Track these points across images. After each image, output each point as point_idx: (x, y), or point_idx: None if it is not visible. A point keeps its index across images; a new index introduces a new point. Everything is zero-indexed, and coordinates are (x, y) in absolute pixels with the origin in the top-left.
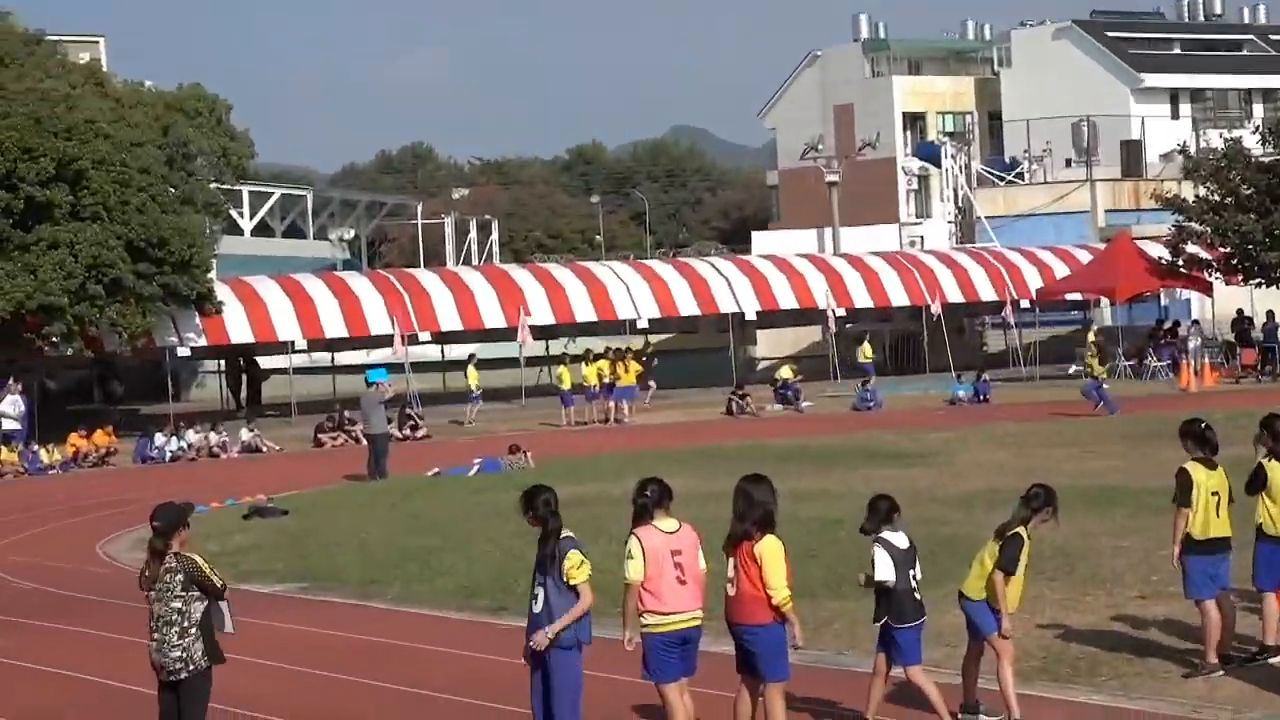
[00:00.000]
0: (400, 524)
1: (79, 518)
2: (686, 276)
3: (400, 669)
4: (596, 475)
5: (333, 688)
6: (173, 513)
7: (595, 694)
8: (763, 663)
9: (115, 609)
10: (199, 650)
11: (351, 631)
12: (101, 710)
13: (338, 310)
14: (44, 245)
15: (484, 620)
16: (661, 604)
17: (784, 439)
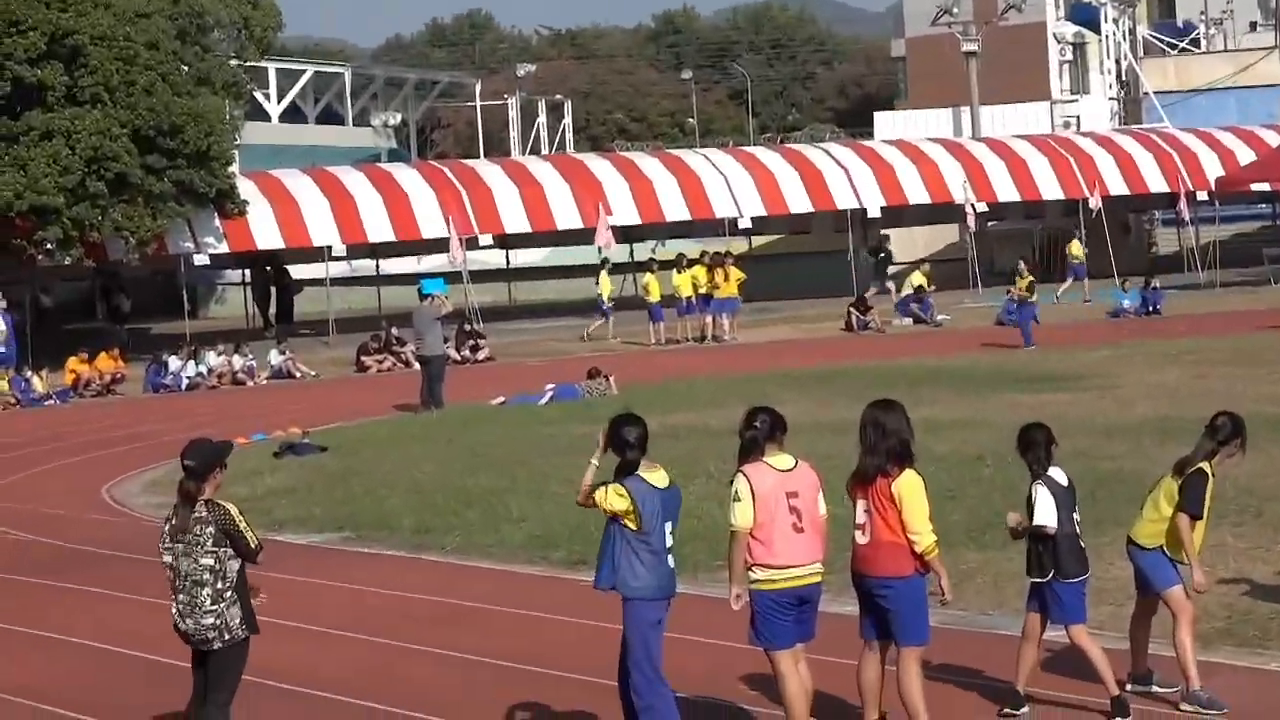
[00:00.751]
0: (459, 462)
1: (80, 456)
2: (796, 166)
3: (461, 633)
4: (691, 403)
5: (381, 655)
6: (208, 451)
7: (695, 662)
8: (900, 623)
9: (126, 564)
10: (236, 616)
11: (403, 589)
12: (111, 683)
13: (382, 210)
14: (35, 135)
15: (559, 575)
16: (774, 556)
17: (915, 359)
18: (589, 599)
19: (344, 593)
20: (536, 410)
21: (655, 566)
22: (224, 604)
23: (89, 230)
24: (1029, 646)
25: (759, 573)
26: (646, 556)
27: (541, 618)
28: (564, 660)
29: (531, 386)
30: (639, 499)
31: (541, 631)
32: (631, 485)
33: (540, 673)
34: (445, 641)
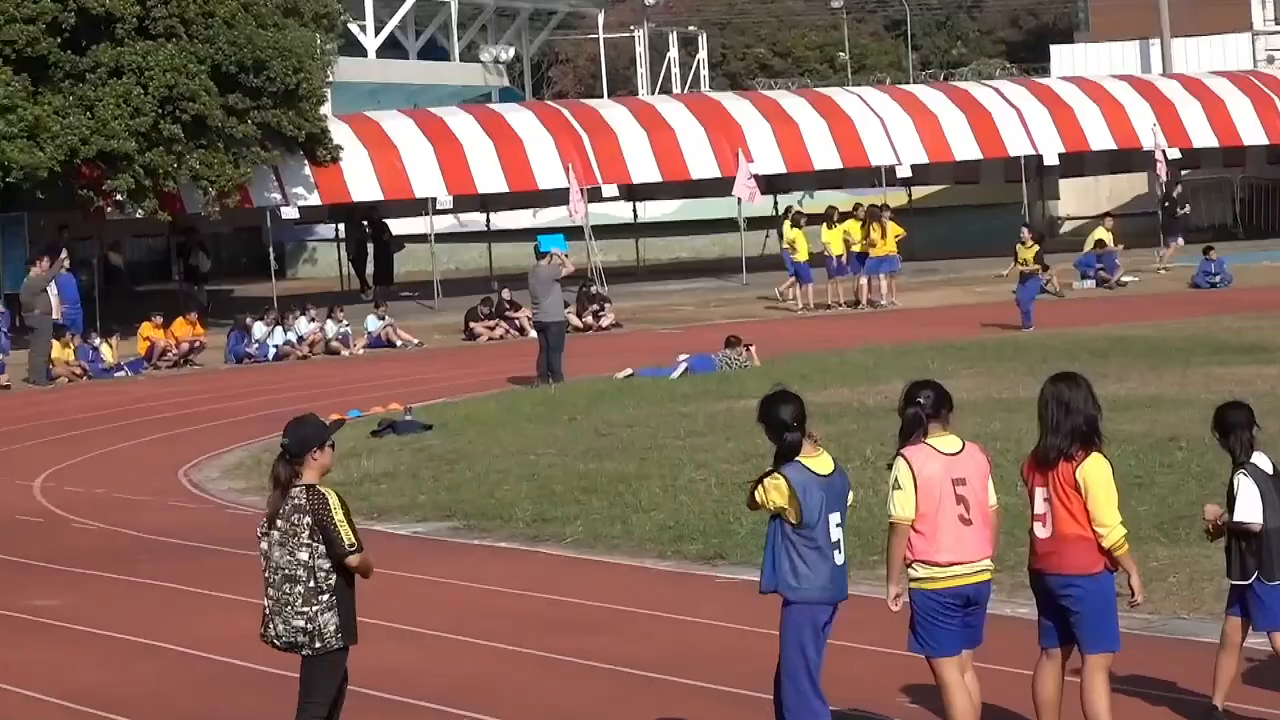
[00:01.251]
0: (582, 443)
1: (154, 435)
2: (962, 107)
3: (583, 637)
4: (844, 377)
5: (493, 661)
6: (307, 429)
7: (850, 670)
8: (1085, 627)
9: (206, 556)
10: (331, 623)
11: (517, 587)
12: (184, 690)
13: (494, 157)
14: (103, 73)
15: (694, 571)
16: (938, 551)
17: (1098, 327)
18: (730, 599)
19: (451, 590)
20: (668, 384)
21: (820, 565)
22: (318, 606)
23: (163, 180)
24: (1228, 656)
25: (920, 570)
26: (809, 554)
27: (675, 620)
28: (702, 669)
29: (663, 357)
30: (799, 489)
31: (676, 636)
32: (791, 474)
33: (675, 683)
34: (565, 647)
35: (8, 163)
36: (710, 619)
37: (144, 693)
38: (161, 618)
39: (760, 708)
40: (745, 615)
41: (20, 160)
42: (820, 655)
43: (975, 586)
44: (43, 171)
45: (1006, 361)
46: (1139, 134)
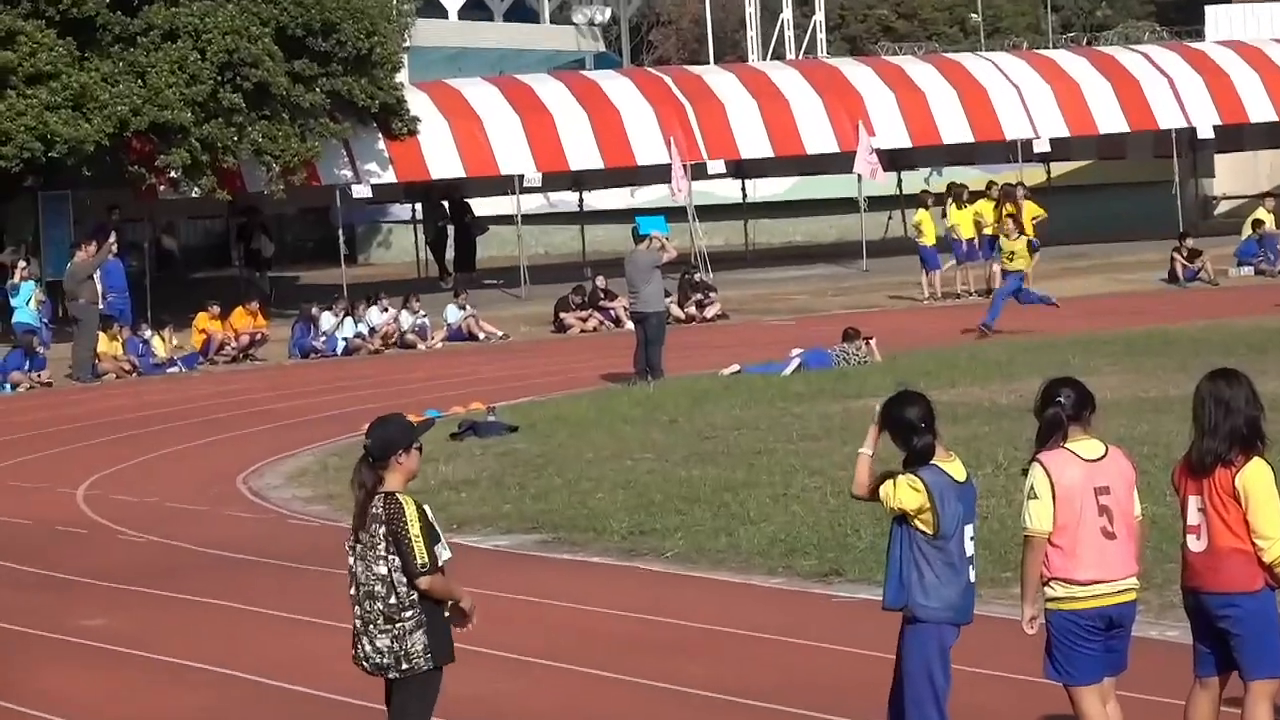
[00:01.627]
0: (683, 448)
1: (211, 437)
2: (1108, 75)
3: (685, 661)
4: (974, 374)
5: (587, 687)
6: (392, 429)
7: (979, 699)
8: (1247, 650)
9: (267, 571)
10: (418, 642)
11: (612, 606)
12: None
13: (588, 129)
14: (157, 36)
15: (808, 589)
16: (1078, 568)
17: (1256, 318)
18: (847, 619)
19: (538, 609)
20: (779, 382)
21: (952, 581)
22: (401, 625)
23: (222, 155)
24: None
25: (1059, 589)
26: (942, 568)
27: (786, 643)
28: (815, 698)
29: (773, 352)
30: (937, 495)
31: (786, 661)
32: (929, 477)
33: (786, 712)
34: (663, 672)
35: (51, 135)
36: (825, 642)
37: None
38: (216, 640)
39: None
40: (864, 638)
41: (65, 133)
42: (949, 682)
43: (1119, 607)
44: (89, 145)
45: (1155, 357)
46: None
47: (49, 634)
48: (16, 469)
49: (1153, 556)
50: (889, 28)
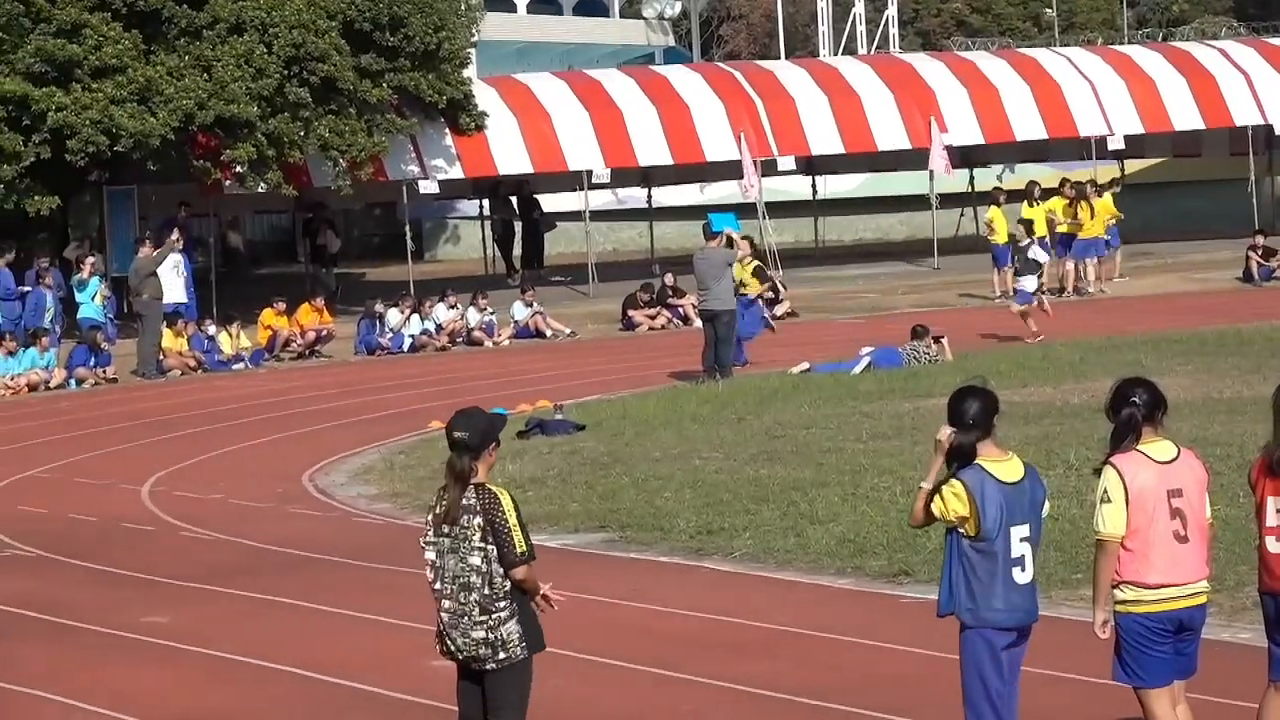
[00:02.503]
0: (752, 447)
1: (276, 434)
2: (1184, 71)
3: (753, 661)
4: (1046, 374)
5: (654, 687)
6: (484, 421)
7: (1050, 701)
8: None
9: (332, 569)
10: (514, 631)
11: (680, 606)
12: (309, 715)
13: (657, 125)
14: (222, 29)
15: (877, 590)
16: (1150, 571)
17: None
18: (916, 620)
19: (605, 609)
20: (849, 380)
21: (996, 583)
22: (497, 615)
23: (288, 150)
24: None
25: (1129, 592)
26: (985, 573)
27: (855, 643)
28: (884, 698)
29: (843, 350)
30: (978, 496)
31: (855, 661)
32: (969, 479)
33: (854, 713)
34: (731, 672)
35: (116, 130)
36: (893, 643)
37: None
38: (281, 637)
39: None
40: (933, 639)
41: (130, 127)
42: (1005, 682)
43: (1190, 610)
44: (155, 140)
45: (1229, 357)
46: None
47: (112, 630)
48: (82, 465)
49: (1224, 559)
50: (962, 22)
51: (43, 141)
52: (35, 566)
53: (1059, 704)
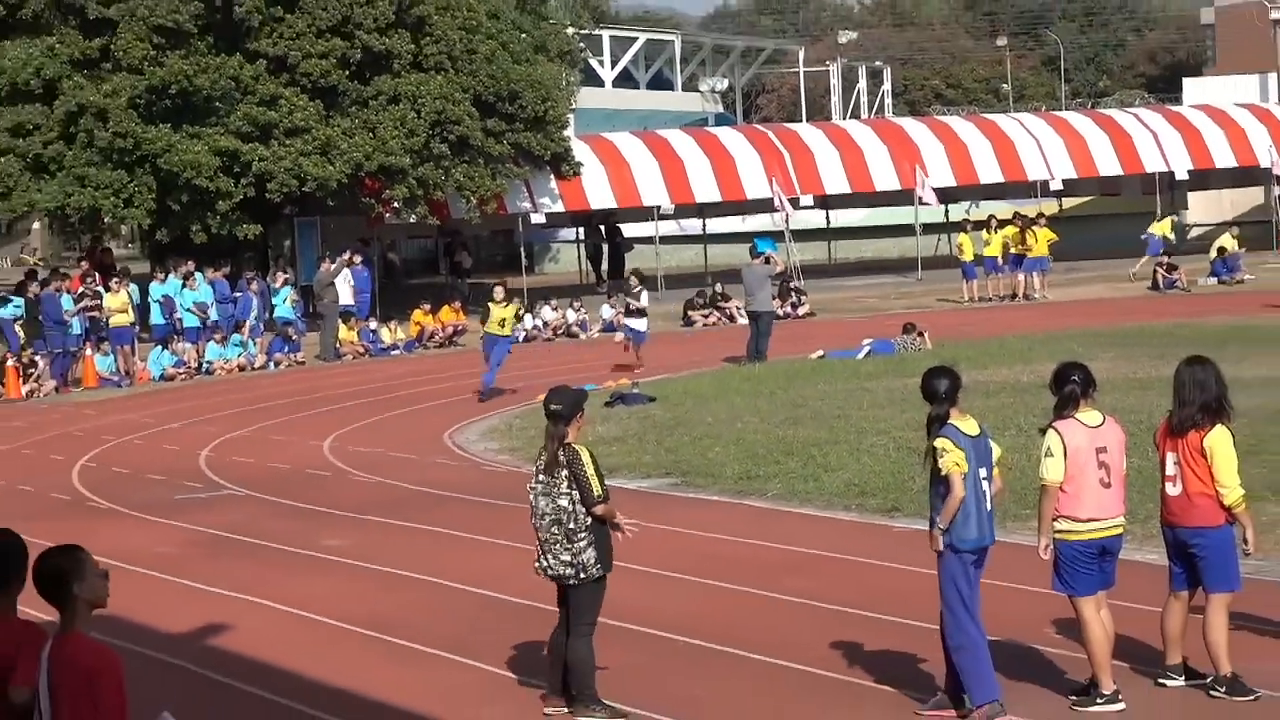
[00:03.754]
0: (780, 414)
1: (424, 404)
2: (1107, 130)
3: (782, 577)
4: (1002, 358)
5: (710, 596)
6: (573, 396)
7: (1006, 607)
8: (1209, 571)
9: (464, 505)
10: (591, 557)
11: (728, 533)
12: (446, 616)
13: (709, 171)
14: (383, 100)
15: (875, 522)
16: (1081, 509)
17: (1221, 318)
18: (905, 545)
19: (672, 536)
20: (854, 364)
21: (970, 515)
22: (579, 544)
23: (433, 190)
24: None
25: (1065, 524)
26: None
27: (860, 563)
28: (882, 604)
29: (849, 341)
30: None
31: (860, 576)
32: (948, 434)
33: (861, 615)
34: (766, 585)
35: (304, 175)
36: (888, 561)
37: (415, 619)
38: (427, 556)
39: (929, 637)
40: (918, 560)
41: (314, 173)
42: (973, 589)
43: (1111, 539)
44: (333, 183)
45: (1141, 346)
46: (1257, 154)
47: (301, 550)
48: (279, 427)
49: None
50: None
51: (249, 184)
52: (243, 503)
53: (1012, 608)
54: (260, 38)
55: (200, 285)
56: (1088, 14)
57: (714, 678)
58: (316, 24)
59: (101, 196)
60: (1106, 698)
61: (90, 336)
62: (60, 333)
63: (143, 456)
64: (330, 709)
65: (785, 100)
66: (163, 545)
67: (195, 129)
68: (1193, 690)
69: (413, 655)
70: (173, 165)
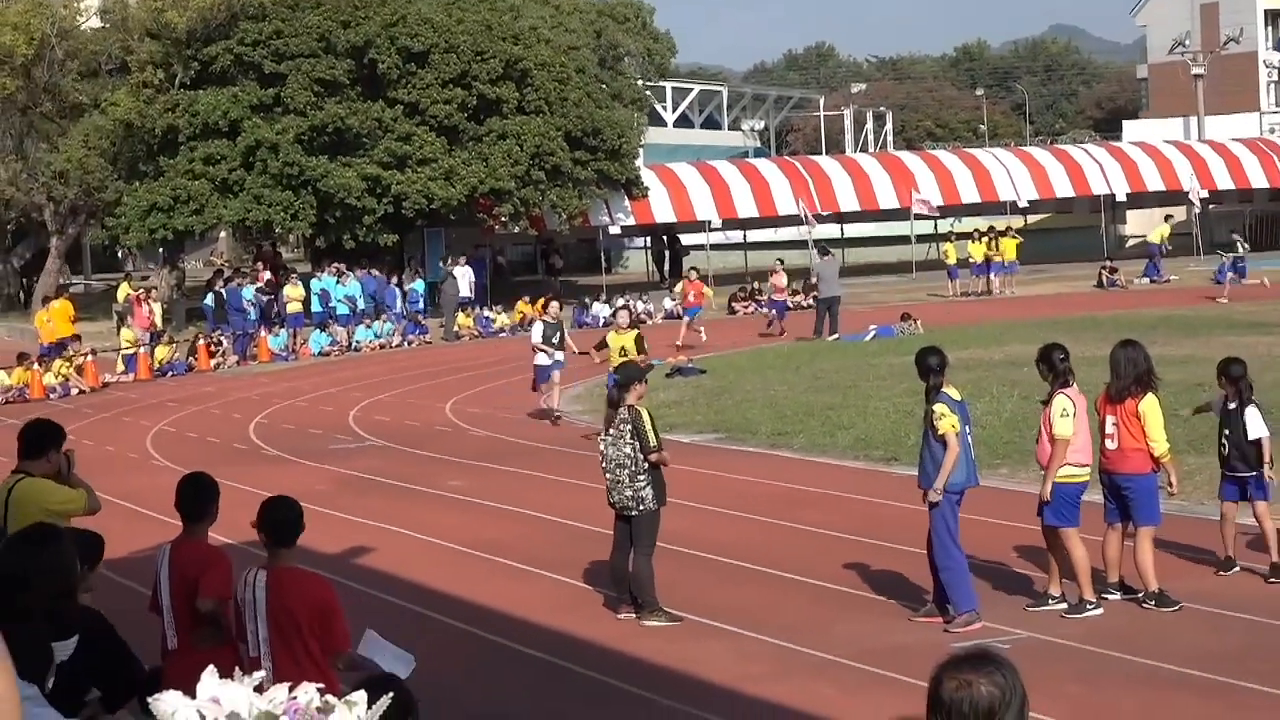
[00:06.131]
0: (804, 383)
1: (525, 375)
2: (1062, 161)
3: (804, 511)
4: (979, 341)
5: (746, 526)
6: (630, 370)
7: (980, 535)
8: (1138, 509)
9: (556, 454)
10: (649, 494)
11: (761, 477)
12: (544, 541)
13: (749, 193)
14: (494, 136)
15: (877, 469)
16: (1080, 457)
17: (1151, 309)
18: (901, 487)
19: (717, 479)
20: (862, 346)
21: (963, 461)
22: (640, 483)
23: (532, 207)
24: (1228, 525)
25: (1066, 470)
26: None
27: (865, 500)
28: (882, 533)
29: (858, 327)
30: (952, 407)
31: (865, 511)
32: (945, 399)
33: (866, 542)
34: (793, 517)
35: (432, 195)
36: (887, 500)
37: (518, 544)
38: (527, 494)
39: (920, 559)
40: (911, 499)
41: (440, 194)
42: (957, 521)
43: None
44: (454, 202)
45: (1088, 331)
46: (1181, 180)
47: (430, 490)
48: (412, 393)
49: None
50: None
51: (388, 202)
52: (383, 452)
53: (985, 537)
54: (397, 88)
55: (350, 281)
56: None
57: (748, 590)
58: (441, 77)
59: (273, 212)
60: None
61: (265, 320)
62: (241, 318)
63: (304, 415)
64: (449, 613)
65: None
66: (319, 484)
67: (347, 159)
68: (1127, 603)
69: (515, 571)
70: (329, 187)
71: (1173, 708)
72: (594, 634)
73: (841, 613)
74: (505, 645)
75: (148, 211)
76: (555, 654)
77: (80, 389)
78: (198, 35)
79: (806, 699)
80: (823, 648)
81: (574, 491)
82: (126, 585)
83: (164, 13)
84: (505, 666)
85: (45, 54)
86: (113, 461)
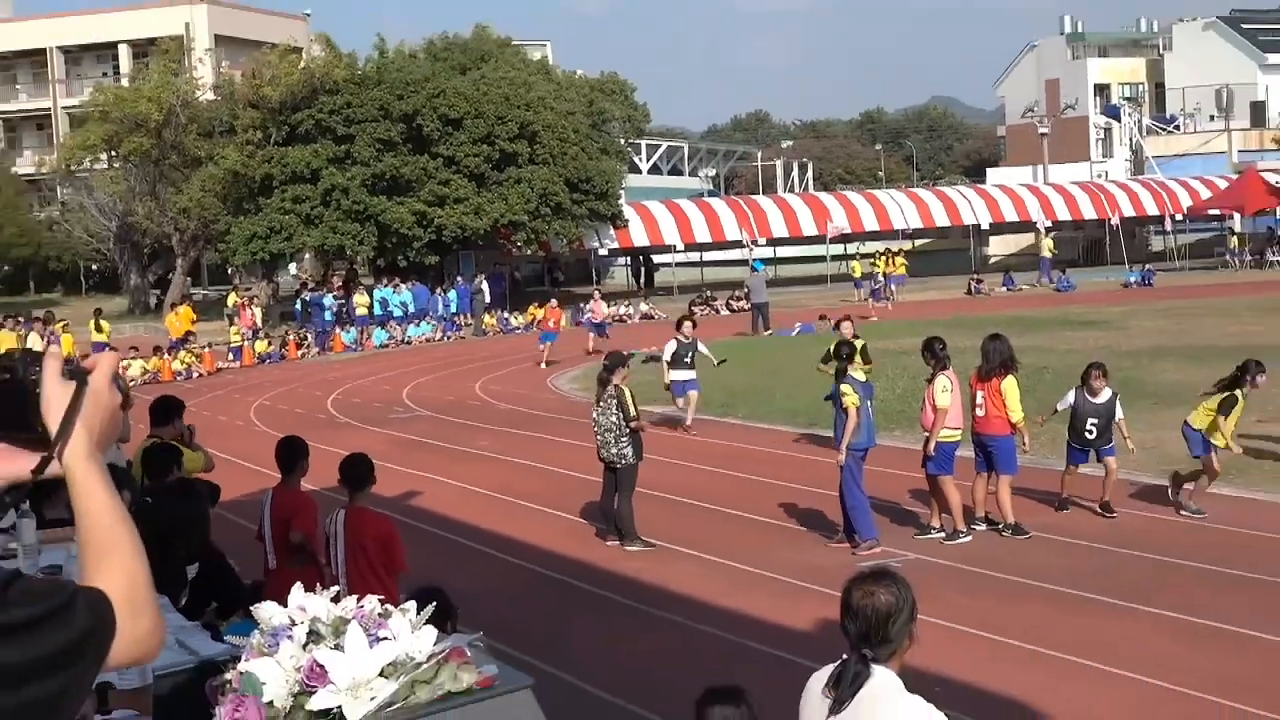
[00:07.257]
0: (748, 368)
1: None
2: (940, 199)
3: (748, 464)
4: (880, 335)
5: (704, 476)
6: (615, 357)
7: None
8: (1000, 463)
9: (561, 422)
10: (630, 451)
11: (714, 439)
12: (552, 487)
13: (704, 223)
14: (511, 181)
15: (802, 430)
16: (958, 422)
17: (1007, 311)
18: (820, 447)
19: (683, 440)
20: (790, 340)
21: (864, 427)
22: (623, 444)
23: (541, 235)
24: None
25: (948, 432)
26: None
27: (793, 456)
28: (806, 480)
29: (787, 325)
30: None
31: (793, 465)
32: (851, 382)
33: (794, 488)
34: (741, 469)
35: (465, 226)
36: (810, 456)
37: (532, 489)
38: (539, 451)
39: (833, 500)
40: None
41: (471, 225)
42: (861, 472)
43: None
44: (481, 231)
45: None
46: (1030, 213)
47: (464, 448)
48: (446, 378)
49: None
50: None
51: (432, 232)
52: (428, 420)
53: (885, 482)
54: (438, 145)
55: (404, 291)
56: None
57: (706, 524)
58: (472, 136)
59: (345, 239)
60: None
61: (339, 321)
62: (321, 318)
63: (369, 392)
64: (481, 543)
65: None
66: (380, 445)
67: (400, 199)
68: (990, 532)
69: (533, 512)
70: (387, 220)
71: (1029, 611)
72: (591, 557)
73: (776, 541)
74: (523, 566)
75: (250, 239)
76: (561, 572)
77: (200, 373)
78: (287, 105)
79: (751, 605)
80: (763, 567)
81: (573, 449)
82: (238, 522)
83: (262, 88)
84: (524, 582)
85: (172, 119)
86: (225, 428)
